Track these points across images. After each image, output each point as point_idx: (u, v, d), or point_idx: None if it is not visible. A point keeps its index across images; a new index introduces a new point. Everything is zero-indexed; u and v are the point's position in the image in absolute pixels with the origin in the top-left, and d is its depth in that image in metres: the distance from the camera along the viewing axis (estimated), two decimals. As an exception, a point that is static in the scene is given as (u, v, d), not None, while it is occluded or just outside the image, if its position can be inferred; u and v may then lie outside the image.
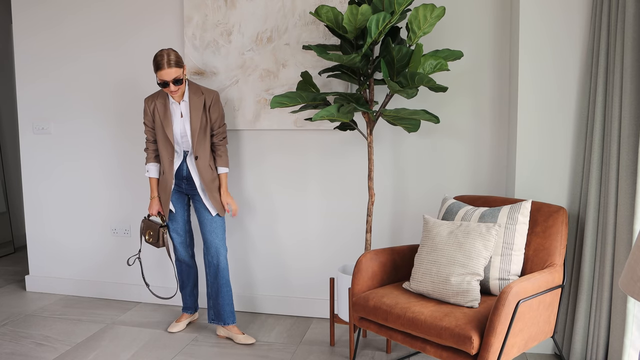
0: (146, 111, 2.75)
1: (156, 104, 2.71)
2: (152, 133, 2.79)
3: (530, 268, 2.20)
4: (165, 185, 2.77)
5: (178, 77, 2.57)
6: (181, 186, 2.80)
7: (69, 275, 3.59)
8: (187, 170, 2.75)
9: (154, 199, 2.81)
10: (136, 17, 3.25)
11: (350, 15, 2.32)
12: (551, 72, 2.49)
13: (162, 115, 2.69)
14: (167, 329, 2.93)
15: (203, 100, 2.70)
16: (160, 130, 2.71)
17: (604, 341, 2.21)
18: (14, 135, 4.95)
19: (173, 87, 2.58)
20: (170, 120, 2.69)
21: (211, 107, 2.72)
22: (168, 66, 2.53)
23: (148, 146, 2.81)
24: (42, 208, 3.59)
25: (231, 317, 2.81)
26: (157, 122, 2.71)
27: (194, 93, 2.70)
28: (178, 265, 2.95)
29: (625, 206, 2.07)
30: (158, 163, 2.83)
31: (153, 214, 2.82)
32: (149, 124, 2.77)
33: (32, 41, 3.47)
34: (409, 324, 2.00)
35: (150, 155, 2.82)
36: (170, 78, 2.55)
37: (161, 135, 2.72)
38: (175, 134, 2.70)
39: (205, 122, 2.71)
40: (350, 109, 2.45)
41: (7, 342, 2.79)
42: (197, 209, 2.80)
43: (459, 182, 2.91)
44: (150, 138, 2.80)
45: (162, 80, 2.56)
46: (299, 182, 3.11)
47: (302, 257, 3.16)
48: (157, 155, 2.82)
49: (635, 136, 2.05)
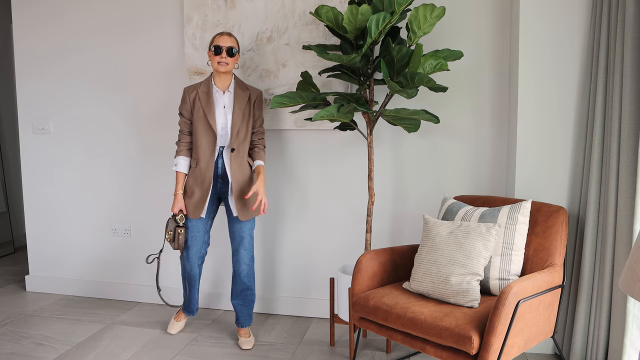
0: (185, 99, 2.64)
1: (198, 92, 2.62)
2: (188, 124, 2.66)
3: (530, 268, 2.20)
4: (203, 179, 2.61)
5: (233, 47, 2.57)
6: (216, 186, 2.67)
7: (69, 275, 3.59)
8: (223, 167, 2.64)
9: (178, 195, 2.64)
10: (136, 16, 3.25)
11: (350, 15, 2.32)
12: (551, 72, 2.49)
13: (204, 104, 2.59)
14: (167, 330, 2.90)
15: (248, 95, 2.66)
16: (202, 119, 2.59)
17: (604, 341, 2.21)
18: (14, 135, 4.95)
19: (225, 55, 2.55)
20: (213, 109, 2.60)
21: (256, 103, 2.68)
22: (226, 34, 2.57)
23: (181, 138, 2.68)
24: (42, 208, 3.59)
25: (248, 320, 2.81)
26: (197, 111, 2.60)
27: (240, 87, 2.66)
28: (183, 267, 2.82)
29: (625, 206, 2.07)
30: (189, 157, 2.69)
31: (175, 212, 2.64)
32: (186, 114, 2.65)
33: (32, 40, 3.47)
34: (409, 324, 2.00)
35: (182, 148, 2.67)
36: (225, 44, 2.55)
37: (202, 124, 2.59)
38: (218, 124, 2.61)
39: (248, 116, 2.65)
40: (350, 109, 2.45)
41: (7, 342, 2.79)
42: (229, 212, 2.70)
43: (459, 182, 2.91)
44: (185, 129, 2.67)
45: (217, 44, 2.54)
46: (298, 182, 3.11)
47: (302, 257, 3.16)
48: (190, 148, 2.69)
49: (635, 136, 2.05)
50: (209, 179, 2.61)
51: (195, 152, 2.64)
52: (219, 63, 2.56)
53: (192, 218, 2.66)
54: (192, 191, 2.64)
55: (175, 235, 2.65)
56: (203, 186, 2.62)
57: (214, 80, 2.66)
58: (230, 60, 2.58)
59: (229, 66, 2.59)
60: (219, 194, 2.71)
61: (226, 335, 2.91)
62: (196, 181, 2.63)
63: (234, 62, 2.61)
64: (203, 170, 2.61)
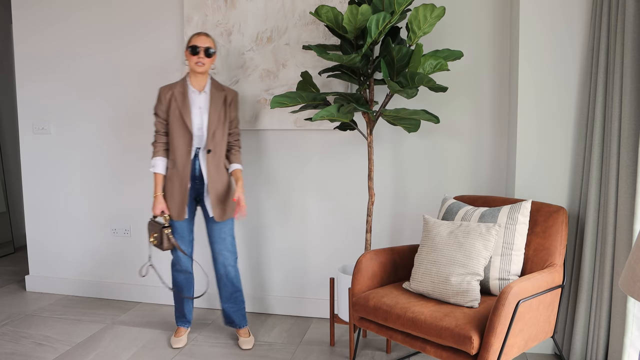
0: (161, 100, 2.60)
1: (174, 93, 2.59)
2: (164, 124, 2.62)
3: (530, 268, 2.20)
4: (180, 182, 2.58)
5: (210, 47, 2.55)
6: (193, 187, 2.64)
7: (69, 275, 3.59)
8: (200, 168, 2.62)
9: (158, 197, 2.60)
10: (136, 16, 3.25)
11: (350, 15, 2.32)
12: (551, 71, 2.49)
13: (180, 104, 2.57)
14: (171, 345, 2.77)
15: (224, 96, 2.65)
16: (178, 119, 2.57)
17: (604, 341, 2.21)
18: (14, 135, 4.95)
19: (203, 55, 2.54)
20: (190, 109, 2.57)
21: (231, 104, 2.67)
22: (203, 34, 2.56)
23: (157, 139, 2.63)
24: (42, 208, 3.59)
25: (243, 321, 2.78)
26: (173, 111, 2.57)
27: (216, 87, 2.65)
28: (176, 276, 2.75)
29: (625, 206, 2.07)
30: (166, 158, 2.64)
31: (156, 213, 2.61)
32: (161, 114, 2.61)
33: (33, 41, 3.47)
34: (409, 324, 2.00)
35: (158, 149, 2.63)
36: (203, 44, 2.53)
37: (178, 125, 2.57)
38: (194, 125, 2.59)
39: (224, 118, 2.65)
40: (350, 109, 2.45)
41: (7, 342, 2.79)
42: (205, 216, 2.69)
43: (459, 182, 2.91)
44: (161, 130, 2.63)
45: (194, 44, 2.52)
46: (298, 182, 3.11)
47: (302, 257, 3.16)
48: (166, 149, 2.65)
49: (635, 136, 2.05)
50: (186, 179, 2.59)
51: (172, 153, 2.61)
52: (196, 63, 2.55)
53: (176, 220, 2.64)
54: (171, 193, 2.61)
55: (163, 236, 2.61)
56: (181, 187, 2.60)
57: (190, 80, 2.64)
58: (207, 60, 2.57)
59: (206, 66, 2.58)
60: (196, 195, 2.68)
61: (226, 335, 2.91)
62: (174, 182, 2.60)
63: (210, 62, 2.60)
64: (180, 171, 2.59)
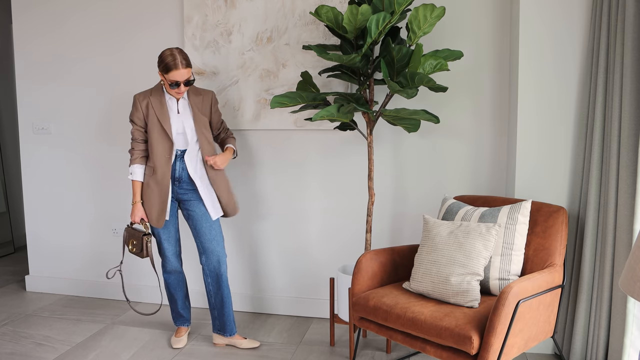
0: (137, 107, 2.58)
1: (150, 100, 2.58)
2: (142, 132, 2.61)
3: (530, 268, 2.20)
4: (161, 186, 2.58)
5: (189, 78, 2.51)
6: (173, 190, 2.64)
7: (69, 275, 3.59)
8: (180, 171, 2.61)
9: (137, 204, 2.59)
10: (136, 16, 3.25)
11: (350, 15, 2.32)
12: (551, 71, 2.49)
13: (158, 111, 2.56)
14: (171, 345, 2.77)
15: (202, 99, 2.66)
16: (157, 126, 2.55)
17: (604, 341, 2.21)
18: (14, 135, 4.95)
19: (184, 88, 2.51)
20: (168, 115, 2.57)
21: (212, 106, 2.68)
22: (182, 66, 2.45)
23: (134, 146, 2.62)
24: (42, 208, 3.59)
25: (234, 326, 2.75)
26: (152, 118, 2.56)
27: (192, 92, 2.65)
28: (167, 278, 2.75)
29: (625, 206, 2.07)
30: (144, 165, 2.63)
31: (136, 221, 2.59)
32: (138, 122, 2.59)
33: (33, 41, 3.47)
34: (409, 324, 2.00)
35: (136, 156, 2.61)
36: (183, 79, 2.47)
37: (157, 132, 2.56)
38: (173, 130, 2.58)
39: (209, 119, 2.68)
40: (350, 109, 2.45)
41: (7, 342, 2.79)
42: (192, 216, 2.64)
43: (459, 182, 2.91)
44: (139, 137, 2.61)
45: (174, 80, 2.46)
46: (299, 182, 3.11)
47: (302, 257, 3.16)
48: (145, 156, 2.64)
49: (635, 136, 2.05)
50: (166, 184, 2.58)
51: (152, 160, 2.59)
52: (177, 93, 2.53)
53: (156, 227, 2.62)
54: (151, 200, 2.59)
55: (144, 244, 2.59)
56: (162, 192, 2.59)
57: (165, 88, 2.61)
58: (186, 88, 2.54)
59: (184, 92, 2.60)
60: (177, 196, 2.66)
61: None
62: (154, 188, 2.59)
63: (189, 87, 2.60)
64: (160, 177, 2.58)
